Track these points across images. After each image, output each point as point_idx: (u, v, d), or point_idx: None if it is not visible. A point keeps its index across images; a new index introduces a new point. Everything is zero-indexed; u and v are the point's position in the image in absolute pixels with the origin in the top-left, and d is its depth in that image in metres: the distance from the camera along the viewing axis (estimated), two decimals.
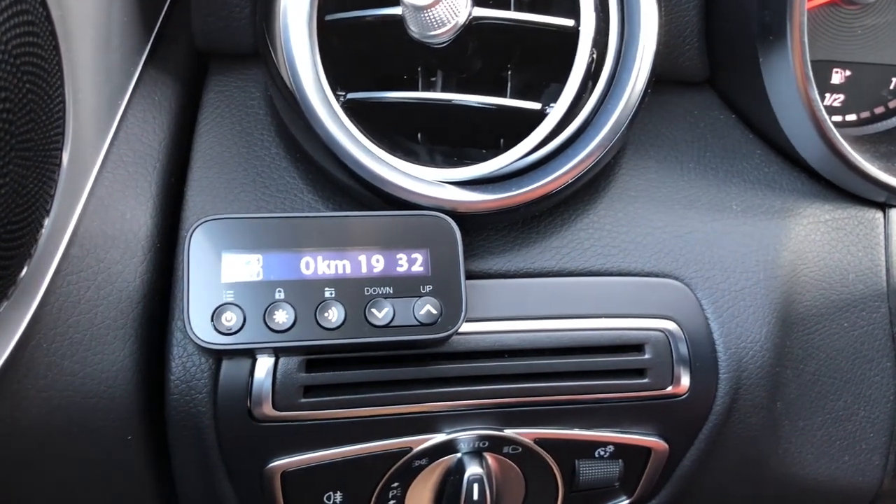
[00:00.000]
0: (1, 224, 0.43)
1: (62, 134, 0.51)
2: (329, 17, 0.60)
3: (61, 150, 0.52)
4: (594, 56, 0.59)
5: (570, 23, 0.58)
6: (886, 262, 0.72)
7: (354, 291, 0.55)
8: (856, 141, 0.78)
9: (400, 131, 0.65)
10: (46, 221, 0.51)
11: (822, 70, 0.79)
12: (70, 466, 0.59)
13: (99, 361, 0.56)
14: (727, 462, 0.70)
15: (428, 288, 0.56)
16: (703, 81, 0.77)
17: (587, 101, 0.59)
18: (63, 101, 0.51)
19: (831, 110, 0.81)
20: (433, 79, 0.67)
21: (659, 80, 0.64)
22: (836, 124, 0.72)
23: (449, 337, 0.56)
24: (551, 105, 0.59)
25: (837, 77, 0.81)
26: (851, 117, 0.83)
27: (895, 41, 0.79)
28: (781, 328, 0.67)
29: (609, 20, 0.60)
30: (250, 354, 0.57)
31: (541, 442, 0.65)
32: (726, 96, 0.76)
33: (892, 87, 0.82)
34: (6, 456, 0.56)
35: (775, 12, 0.63)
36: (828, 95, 0.81)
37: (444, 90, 0.66)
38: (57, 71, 0.49)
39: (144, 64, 0.66)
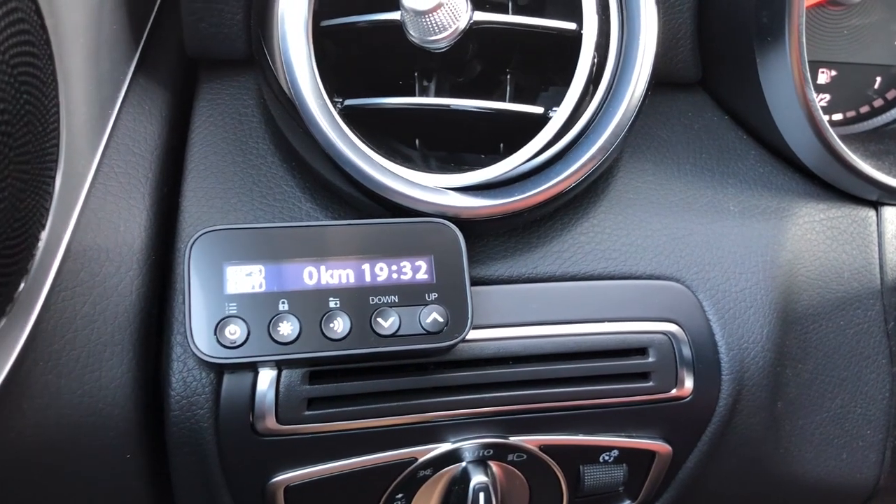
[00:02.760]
0: (0, 240, 0.42)
1: (57, 145, 0.50)
2: (325, 23, 0.59)
3: (56, 161, 0.50)
4: (595, 59, 0.58)
5: (572, 26, 0.58)
6: (880, 259, 0.73)
7: (359, 301, 0.54)
8: (843, 140, 0.79)
9: (396, 137, 0.64)
10: (43, 235, 0.50)
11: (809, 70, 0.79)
12: (68, 486, 0.57)
13: (96, 379, 0.55)
14: (729, 463, 0.70)
15: (433, 296, 0.55)
16: (694, 83, 0.77)
17: (588, 104, 0.59)
18: (58, 112, 0.49)
19: None
20: (426, 83, 0.66)
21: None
22: None
23: (455, 344, 0.55)
24: (554, 109, 0.58)
25: (823, 77, 0.81)
26: (837, 116, 0.84)
27: (879, 41, 0.80)
28: (781, 328, 0.67)
29: (609, 23, 0.59)
30: (252, 367, 0.56)
31: (546, 448, 0.64)
32: (719, 97, 0.76)
33: (876, 86, 0.83)
34: (4, 476, 0.54)
35: (773, 13, 0.63)
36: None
37: (437, 95, 0.66)
38: (52, 81, 0.48)
39: (134, 72, 0.64)
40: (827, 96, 0.82)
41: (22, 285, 0.48)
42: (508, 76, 0.65)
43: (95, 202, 0.57)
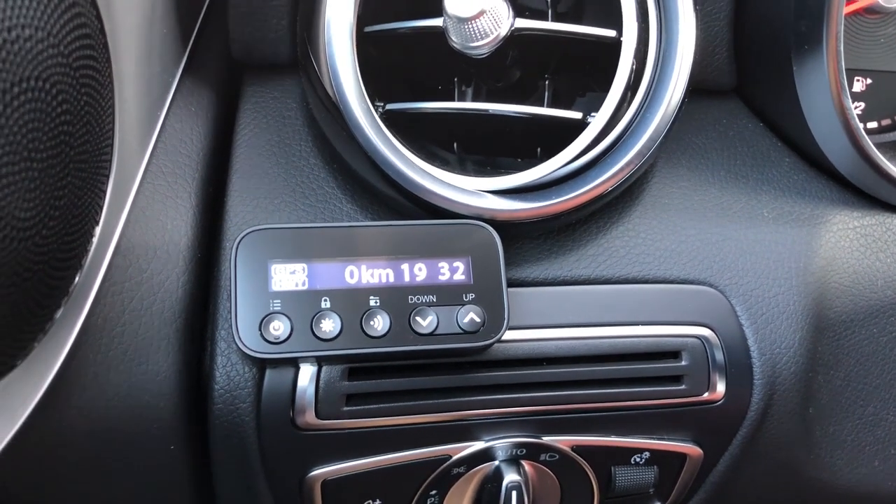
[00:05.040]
0: (59, 236, 0.44)
1: (111, 145, 0.52)
2: (368, 29, 0.60)
3: (111, 161, 0.52)
4: (634, 66, 0.59)
5: (611, 33, 0.59)
6: None
7: (399, 300, 0.56)
8: (878, 148, 0.79)
9: (434, 141, 0.66)
10: (96, 231, 0.51)
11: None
12: (114, 473, 0.59)
13: (143, 372, 0.56)
14: (759, 467, 0.71)
15: (470, 296, 0.57)
16: (729, 90, 0.78)
17: (626, 110, 0.60)
18: (113, 113, 0.51)
19: None
20: (465, 88, 0.67)
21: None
22: None
23: (492, 344, 0.56)
24: (592, 114, 0.59)
25: (859, 85, 0.81)
26: (872, 125, 0.84)
27: None
28: (813, 334, 0.68)
29: (649, 30, 0.60)
30: (294, 363, 0.57)
31: (578, 449, 0.65)
32: (754, 105, 0.77)
33: None
34: (53, 465, 0.56)
35: (812, 22, 0.64)
36: None
37: (476, 99, 0.67)
38: (109, 83, 0.50)
39: (181, 75, 0.66)
40: (862, 104, 0.82)
41: (76, 279, 0.50)
42: (547, 82, 0.66)
43: (144, 201, 0.59)
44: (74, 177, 0.44)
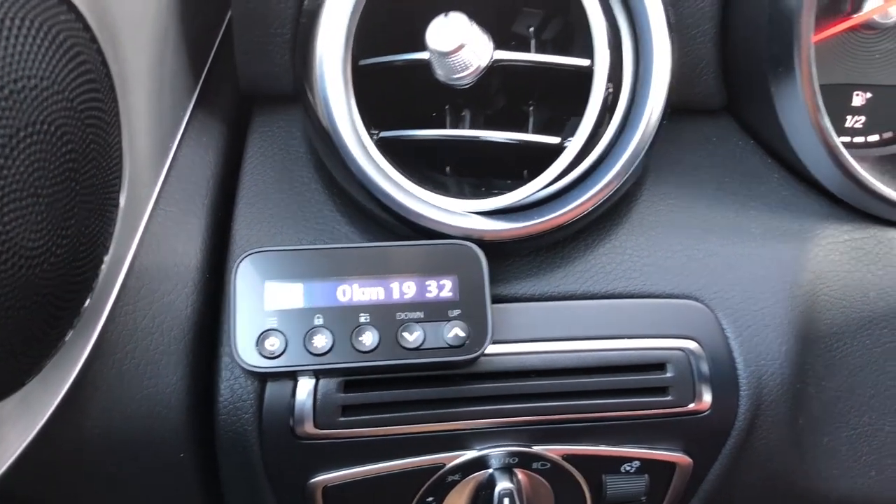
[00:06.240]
0: (68, 262, 0.48)
1: (119, 178, 0.56)
2: (362, 62, 0.64)
3: (119, 192, 0.57)
4: (610, 91, 0.62)
5: (585, 63, 0.62)
6: None
7: (387, 316, 0.59)
8: (879, 161, 0.80)
9: (429, 165, 0.69)
10: (106, 258, 0.56)
11: (842, 93, 0.81)
12: (126, 483, 0.63)
13: (153, 385, 0.61)
14: (751, 477, 0.72)
15: (456, 312, 0.60)
16: (721, 109, 0.80)
17: (604, 134, 0.63)
18: (120, 148, 0.56)
19: (854, 132, 0.83)
20: (462, 114, 0.71)
21: (677, 108, 0.67)
22: (859, 145, 0.74)
23: (476, 358, 0.60)
24: (569, 139, 0.62)
25: (858, 99, 0.83)
26: (874, 138, 0.85)
27: None
28: (802, 346, 0.69)
29: (622, 58, 0.63)
30: (292, 376, 0.61)
31: (569, 458, 0.67)
32: (744, 123, 0.79)
33: None
34: (66, 473, 0.61)
35: (782, 45, 0.66)
36: (849, 118, 0.83)
37: (472, 126, 0.70)
38: (115, 122, 0.54)
39: (193, 108, 0.71)
40: (863, 118, 0.84)
41: (87, 301, 0.55)
42: (531, 108, 0.69)
43: (156, 226, 0.64)
44: (81, 208, 0.49)
